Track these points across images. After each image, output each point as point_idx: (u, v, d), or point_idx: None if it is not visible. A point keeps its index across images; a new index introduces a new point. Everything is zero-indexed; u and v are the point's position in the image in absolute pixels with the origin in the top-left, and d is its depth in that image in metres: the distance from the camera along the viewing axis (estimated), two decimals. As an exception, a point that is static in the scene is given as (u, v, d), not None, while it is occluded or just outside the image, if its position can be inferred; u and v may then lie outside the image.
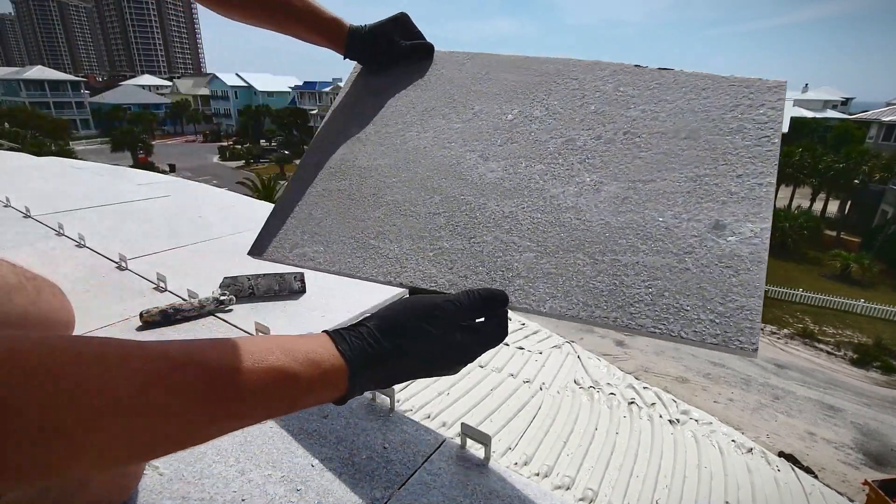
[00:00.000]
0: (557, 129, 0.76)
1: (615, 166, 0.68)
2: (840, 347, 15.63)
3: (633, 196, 0.65)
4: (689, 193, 0.62)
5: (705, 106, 0.69)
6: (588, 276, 0.61)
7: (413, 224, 0.76)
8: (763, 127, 0.64)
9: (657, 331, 0.55)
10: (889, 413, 12.42)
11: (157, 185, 2.56)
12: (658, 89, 0.74)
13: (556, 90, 0.82)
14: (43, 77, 46.36)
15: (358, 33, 0.91)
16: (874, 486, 7.07)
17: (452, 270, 0.69)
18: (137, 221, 1.82)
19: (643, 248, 0.60)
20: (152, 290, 1.26)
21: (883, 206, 25.31)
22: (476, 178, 0.77)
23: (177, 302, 1.11)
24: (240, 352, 0.40)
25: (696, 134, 0.67)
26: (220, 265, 1.43)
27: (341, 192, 0.87)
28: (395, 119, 0.92)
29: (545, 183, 0.71)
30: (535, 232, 0.67)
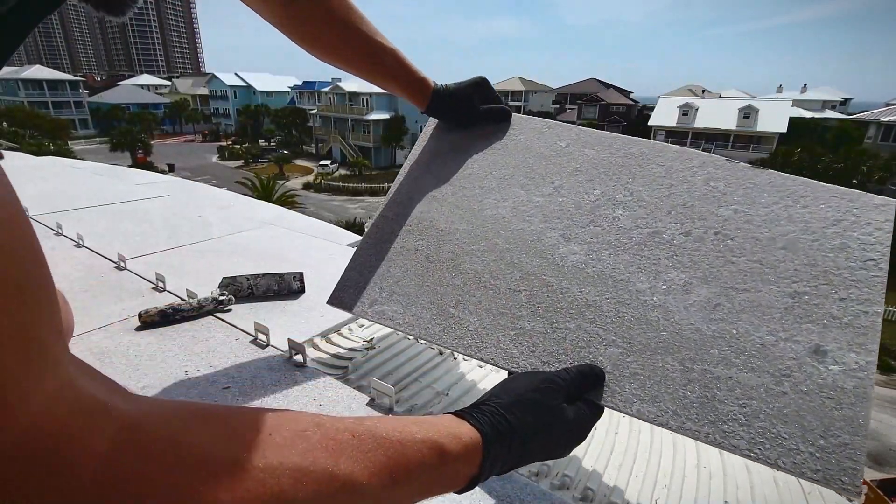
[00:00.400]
0: (643, 219, 0.73)
1: (706, 268, 0.65)
2: (839, 347, 15.66)
3: (725, 304, 0.61)
4: (786, 310, 0.59)
5: (804, 216, 0.65)
6: (678, 384, 0.58)
7: (493, 298, 0.75)
8: (869, 248, 0.61)
9: (752, 455, 0.52)
10: (888, 413, 12.45)
11: (156, 184, 2.56)
12: (752, 189, 0.70)
13: (640, 175, 0.79)
14: (41, 76, 46.27)
15: (441, 94, 0.94)
16: (873, 485, 7.09)
17: (535, 354, 0.67)
18: (136, 221, 1.82)
19: (737, 363, 0.57)
20: (151, 290, 1.25)
21: (881, 207, 25.33)
22: (558, 259, 0.75)
23: (175, 302, 1.11)
24: (395, 424, 0.40)
25: (795, 246, 0.63)
26: (219, 265, 1.43)
27: (419, 253, 0.87)
28: (473, 183, 0.91)
29: (630, 275, 0.68)
30: (621, 326, 0.65)
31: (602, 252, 0.72)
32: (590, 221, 0.77)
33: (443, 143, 1.00)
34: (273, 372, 0.92)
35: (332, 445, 0.35)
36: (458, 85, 0.96)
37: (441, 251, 0.84)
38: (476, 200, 0.89)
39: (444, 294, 0.79)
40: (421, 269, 0.84)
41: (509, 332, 0.70)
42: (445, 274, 0.81)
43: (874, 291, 0.57)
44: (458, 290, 0.78)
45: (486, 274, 0.78)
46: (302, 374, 0.92)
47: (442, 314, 0.77)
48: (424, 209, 0.92)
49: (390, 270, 0.87)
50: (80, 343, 0.98)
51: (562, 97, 63.04)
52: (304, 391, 0.87)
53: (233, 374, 0.91)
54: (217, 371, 0.91)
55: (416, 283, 0.83)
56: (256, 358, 0.97)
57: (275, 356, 0.98)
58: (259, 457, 0.30)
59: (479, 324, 0.73)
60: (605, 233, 0.74)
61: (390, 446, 0.38)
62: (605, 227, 0.75)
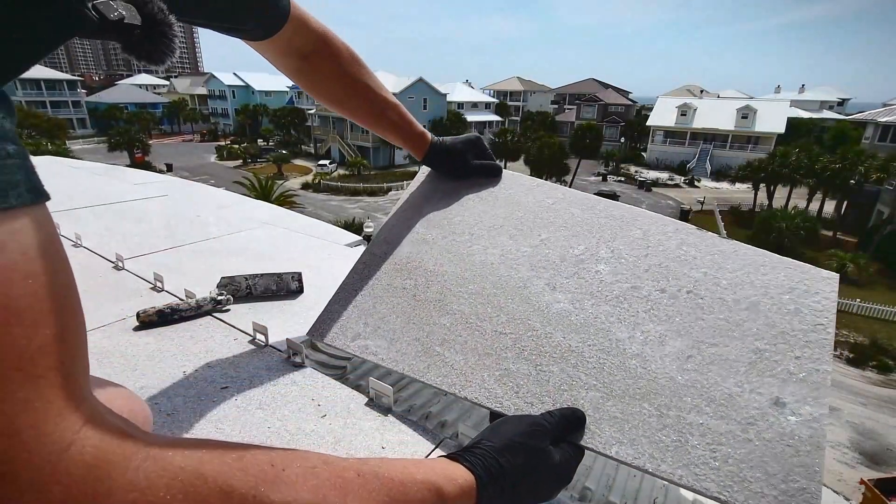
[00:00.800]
0: (623, 274, 0.79)
1: (679, 322, 0.71)
2: (836, 347, 15.69)
3: (696, 356, 0.67)
4: (750, 364, 0.65)
5: (764, 282, 0.73)
6: (654, 428, 0.62)
7: (479, 339, 0.78)
8: (818, 314, 0.68)
9: (721, 497, 0.56)
10: (885, 412, 12.48)
11: (154, 184, 2.55)
12: (719, 256, 0.78)
13: (621, 235, 0.86)
14: (39, 76, 46.11)
15: (438, 147, 1.02)
16: (870, 484, 7.10)
17: (518, 395, 0.71)
18: (134, 221, 1.82)
19: (707, 411, 0.62)
20: (149, 289, 1.25)
21: (879, 207, 25.42)
22: (543, 306, 0.79)
23: (174, 302, 1.11)
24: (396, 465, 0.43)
25: (757, 308, 0.70)
26: (218, 265, 1.43)
27: (406, 291, 0.90)
28: (463, 229, 0.96)
29: (611, 325, 0.73)
30: (601, 372, 0.69)
31: (585, 302, 0.78)
32: (574, 273, 0.82)
33: (435, 190, 1.06)
34: (271, 372, 0.92)
35: (340, 483, 0.36)
36: (454, 140, 1.04)
37: (429, 291, 0.88)
38: (465, 245, 0.93)
39: (431, 332, 0.82)
40: (408, 307, 0.87)
41: (494, 372, 0.74)
42: (432, 313, 0.85)
43: (823, 352, 0.65)
44: (444, 329, 0.82)
45: (473, 315, 0.82)
46: (300, 374, 0.92)
47: (427, 351, 0.80)
48: (413, 250, 0.96)
49: (376, 307, 0.90)
50: (77, 343, 0.98)
51: (560, 97, 63.07)
52: (302, 391, 0.87)
53: (231, 375, 0.90)
54: (215, 371, 0.91)
55: (403, 320, 0.86)
56: (255, 358, 0.97)
57: (273, 356, 0.98)
58: (275, 491, 0.32)
59: (464, 363, 0.76)
60: (587, 284, 0.80)
61: (393, 486, 0.39)
62: (588, 279, 0.81)
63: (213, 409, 0.81)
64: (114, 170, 2.94)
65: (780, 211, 24.73)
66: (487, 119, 51.13)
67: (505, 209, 0.98)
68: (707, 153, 41.34)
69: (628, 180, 38.90)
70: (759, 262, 0.76)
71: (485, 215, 0.98)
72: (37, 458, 0.25)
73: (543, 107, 59.74)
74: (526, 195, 1.00)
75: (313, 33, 0.85)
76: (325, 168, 35.89)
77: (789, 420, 0.59)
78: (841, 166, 24.85)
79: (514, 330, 0.78)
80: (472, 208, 1.00)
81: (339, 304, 0.93)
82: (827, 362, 0.64)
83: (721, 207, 30.18)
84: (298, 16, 0.80)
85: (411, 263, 0.94)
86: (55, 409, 0.27)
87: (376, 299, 0.91)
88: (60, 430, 0.27)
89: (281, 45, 0.83)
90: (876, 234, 22.98)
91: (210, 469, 0.31)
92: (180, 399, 0.83)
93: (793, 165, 26.38)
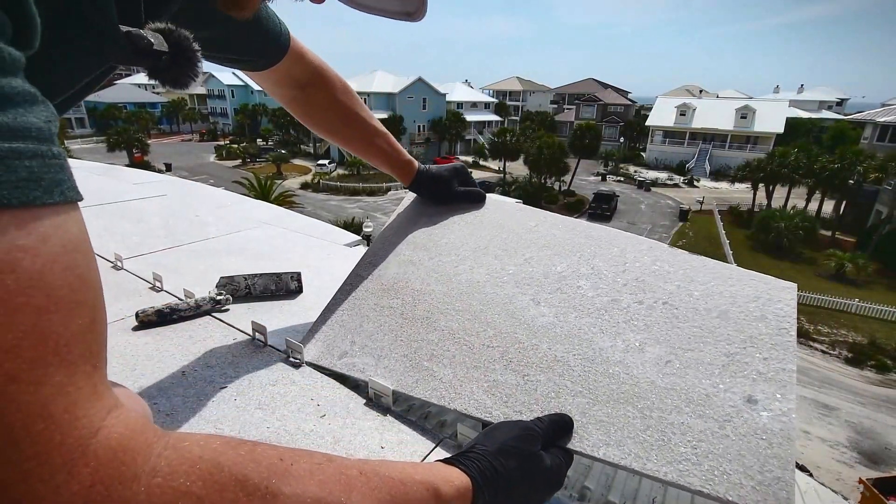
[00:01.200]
0: (603, 289, 0.84)
1: (657, 331, 0.76)
2: (835, 346, 15.71)
3: (675, 361, 0.71)
4: (723, 367, 0.69)
5: (732, 293, 0.79)
6: (638, 429, 0.65)
7: (467, 353, 0.81)
8: (781, 320, 0.73)
9: (704, 490, 0.59)
10: (883, 412, 12.50)
11: (153, 184, 2.55)
12: (690, 270, 0.84)
13: (600, 253, 0.91)
14: (38, 75, 45.93)
15: (424, 174, 1.07)
16: (869, 484, 7.12)
17: (507, 404, 0.73)
18: (133, 221, 1.82)
19: (687, 411, 0.66)
20: (148, 289, 1.25)
21: (877, 207, 25.45)
22: (528, 320, 0.83)
23: (173, 302, 1.11)
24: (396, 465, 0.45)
25: (727, 315, 0.75)
26: (217, 265, 1.43)
27: (393, 310, 0.93)
28: (449, 251, 1.00)
29: (594, 335, 0.78)
30: (587, 379, 0.72)
31: (569, 315, 0.82)
32: (557, 289, 0.87)
33: (420, 214, 1.10)
34: (271, 372, 0.92)
35: (344, 479, 0.38)
36: (439, 168, 1.09)
37: (416, 309, 0.91)
38: (452, 266, 0.96)
39: (419, 348, 0.85)
40: (395, 325, 0.90)
41: (483, 383, 0.76)
42: (420, 330, 0.87)
43: (788, 353, 0.69)
44: (432, 344, 0.84)
45: (461, 331, 0.85)
46: (300, 373, 0.92)
47: (415, 367, 0.83)
48: (400, 271, 0.99)
49: (363, 325, 0.92)
50: (76, 343, 0.98)
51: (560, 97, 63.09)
52: (301, 391, 0.87)
53: (230, 374, 0.90)
54: (214, 371, 0.91)
55: (390, 338, 0.88)
56: (254, 358, 0.97)
57: (272, 356, 0.97)
58: (286, 484, 0.34)
59: (452, 376, 0.79)
60: (570, 299, 0.84)
61: (393, 485, 0.41)
62: (571, 294, 0.85)
63: (212, 408, 0.81)
64: (113, 169, 2.93)
65: (779, 211, 24.77)
66: (487, 119, 51.13)
67: (490, 231, 1.02)
68: (706, 153, 41.37)
69: (627, 180, 38.92)
70: (726, 274, 0.82)
71: (470, 237, 1.01)
72: (69, 440, 0.26)
73: (543, 106, 59.75)
74: (510, 219, 1.04)
75: (310, 65, 0.90)
76: (324, 168, 35.87)
77: (762, 416, 0.63)
78: (840, 166, 24.89)
79: (501, 343, 0.81)
80: (458, 231, 1.04)
81: (326, 323, 0.95)
82: (791, 362, 0.68)
83: (720, 207, 30.21)
84: (297, 49, 0.85)
85: (398, 284, 0.96)
86: (85, 395, 0.28)
87: (363, 318, 0.93)
88: (90, 416, 0.28)
89: (279, 76, 0.87)
90: (874, 233, 23.01)
91: (226, 459, 0.32)
92: (179, 399, 0.83)
93: (792, 165, 26.41)
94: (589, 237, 0.95)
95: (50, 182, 0.27)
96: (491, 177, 35.37)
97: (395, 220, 1.12)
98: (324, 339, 0.94)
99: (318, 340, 0.94)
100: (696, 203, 30.84)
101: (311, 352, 0.93)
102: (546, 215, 1.04)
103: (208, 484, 0.30)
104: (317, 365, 0.92)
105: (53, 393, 0.26)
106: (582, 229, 0.98)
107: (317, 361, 0.91)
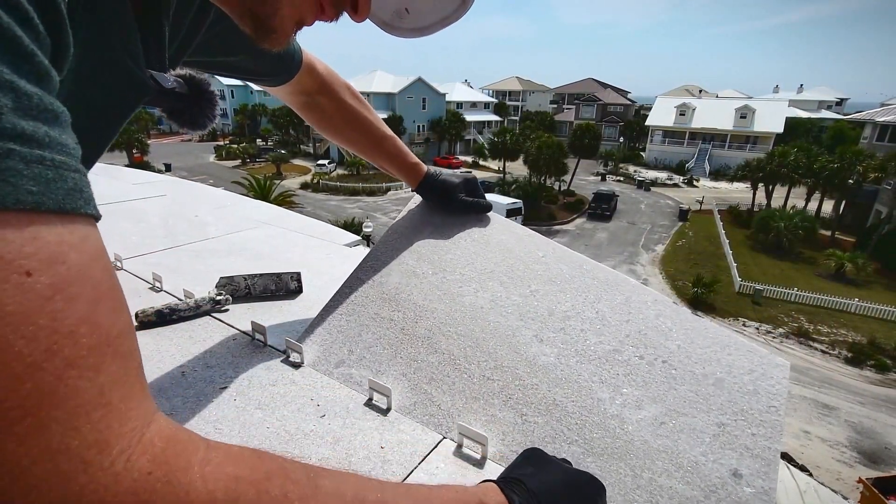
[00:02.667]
0: (606, 336, 0.85)
1: (655, 389, 0.77)
2: (834, 346, 15.72)
3: (669, 423, 0.73)
4: (714, 437, 0.71)
5: (729, 362, 0.80)
6: (629, 487, 0.67)
7: (467, 382, 0.82)
8: (772, 398, 0.75)
9: None
10: (883, 411, 12.51)
11: (153, 184, 2.55)
12: (692, 331, 0.84)
13: (605, 297, 0.91)
14: (37, 75, 45.91)
15: (432, 179, 1.07)
16: (868, 483, 7.12)
17: (504, 442, 0.75)
18: (133, 221, 1.82)
19: (676, 476, 0.67)
20: (148, 289, 1.25)
21: (877, 206, 25.47)
22: (531, 357, 0.83)
23: (173, 302, 1.11)
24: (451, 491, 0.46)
25: (721, 384, 0.77)
26: (217, 265, 1.43)
27: (394, 323, 0.92)
28: (454, 267, 0.99)
29: (593, 384, 0.78)
30: (583, 429, 0.74)
31: (570, 358, 0.82)
32: (560, 329, 0.87)
33: (426, 223, 1.09)
34: (270, 372, 0.92)
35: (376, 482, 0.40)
36: (449, 173, 1.09)
37: (417, 326, 0.91)
38: (456, 285, 0.96)
39: (418, 369, 0.85)
40: (395, 339, 0.90)
41: (481, 416, 0.78)
42: (420, 349, 0.87)
43: (775, 432, 0.71)
44: (432, 367, 0.85)
45: (462, 357, 0.85)
46: (299, 374, 0.92)
47: (414, 389, 0.83)
48: (403, 281, 0.98)
49: (362, 335, 0.92)
50: (76, 343, 0.98)
51: (559, 97, 63.08)
52: (301, 391, 0.86)
53: (230, 375, 0.90)
54: (214, 371, 0.91)
55: (389, 353, 0.88)
56: (254, 358, 0.96)
57: (272, 356, 0.97)
58: (323, 479, 0.36)
59: (451, 404, 0.80)
60: (573, 342, 0.84)
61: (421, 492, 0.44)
62: (574, 336, 0.85)
63: (212, 409, 0.81)
64: (112, 169, 2.93)
65: (779, 210, 24.78)
66: (486, 119, 51.14)
67: (497, 254, 1.01)
68: (706, 153, 41.38)
69: (627, 180, 38.92)
70: (725, 342, 0.83)
71: (476, 257, 1.00)
72: (127, 429, 0.27)
73: (542, 106, 59.75)
74: (518, 244, 1.03)
75: (320, 75, 0.93)
76: (323, 168, 35.88)
77: (745, 490, 0.65)
78: (839, 166, 24.89)
79: (501, 377, 0.81)
80: (465, 248, 1.03)
81: (324, 326, 0.95)
82: (778, 441, 0.70)
83: (720, 207, 30.21)
84: (307, 61, 0.89)
85: (400, 295, 0.96)
86: (139, 387, 0.30)
87: (362, 327, 0.92)
88: (143, 408, 0.29)
89: (291, 86, 0.90)
90: (874, 233, 23.02)
91: (264, 453, 0.34)
92: (179, 399, 0.83)
93: (791, 165, 26.41)
94: (595, 279, 0.95)
95: (88, 196, 0.29)
96: (491, 177, 35.35)
97: (400, 224, 1.10)
98: (321, 342, 0.93)
99: (315, 343, 0.93)
100: (695, 203, 30.85)
101: (308, 355, 0.92)
102: (555, 247, 1.03)
103: (256, 471, 0.32)
104: (316, 367, 0.92)
105: (110, 382, 0.27)
106: (589, 268, 0.97)
107: (313, 367, 0.90)
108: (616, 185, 36.89)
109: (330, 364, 0.89)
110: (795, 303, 18.22)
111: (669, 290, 19.39)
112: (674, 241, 25.05)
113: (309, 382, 0.89)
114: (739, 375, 0.77)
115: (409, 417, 0.81)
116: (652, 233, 26.42)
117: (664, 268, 21.63)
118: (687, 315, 0.88)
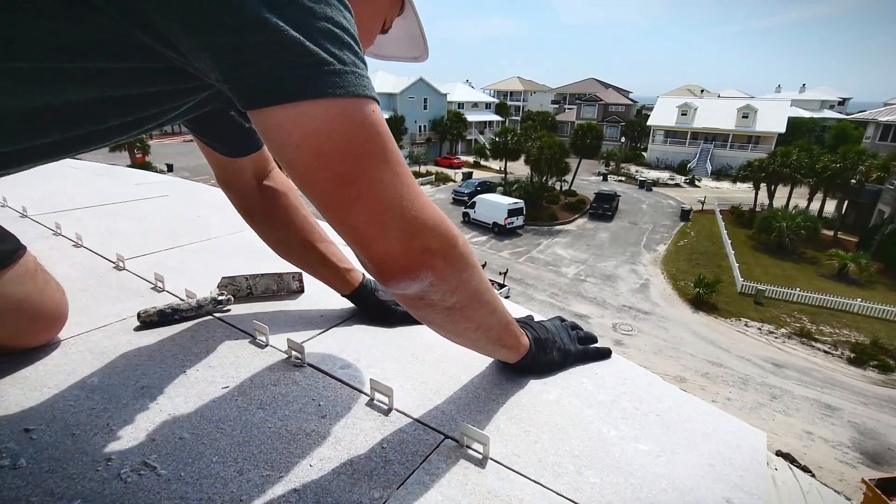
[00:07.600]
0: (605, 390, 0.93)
1: (651, 431, 0.82)
2: (837, 346, 15.68)
3: (665, 457, 0.77)
4: (706, 473, 0.74)
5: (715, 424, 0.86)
6: (628, 500, 0.68)
7: (472, 399, 0.88)
8: (755, 451, 0.80)
9: None
10: (886, 412, 12.46)
11: (155, 184, 2.56)
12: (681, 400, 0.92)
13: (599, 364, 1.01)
14: (40, 76, 46.02)
15: (365, 289, 1.10)
16: (871, 484, 7.09)
17: (506, 443, 0.79)
18: (135, 221, 1.82)
19: (674, 495, 0.70)
20: (150, 290, 1.25)
21: (880, 206, 25.38)
22: (535, 392, 0.91)
23: (174, 302, 1.11)
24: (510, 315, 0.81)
25: (709, 438, 0.82)
26: (218, 265, 1.43)
27: (403, 349, 0.98)
28: None
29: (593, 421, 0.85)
30: (583, 448, 0.78)
31: (571, 398, 0.89)
32: (561, 377, 0.96)
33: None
34: (272, 372, 0.92)
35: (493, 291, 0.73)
36: (384, 295, 1.11)
37: (428, 354, 0.99)
38: None
39: (424, 383, 0.90)
40: (404, 360, 0.96)
41: (483, 423, 0.83)
42: (429, 371, 0.94)
43: (760, 479, 0.74)
44: (437, 383, 0.91)
45: (467, 378, 0.94)
46: (301, 374, 0.92)
47: (417, 389, 0.88)
48: None
49: (370, 351, 0.97)
50: (79, 343, 0.98)
51: (561, 97, 63.02)
52: (303, 391, 0.87)
53: (232, 374, 0.91)
54: (216, 371, 0.91)
55: (396, 367, 0.94)
56: (255, 358, 0.97)
57: (274, 356, 0.98)
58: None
59: (454, 408, 0.86)
60: (573, 387, 0.93)
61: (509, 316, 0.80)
62: (575, 386, 0.94)
63: (214, 408, 0.81)
64: (114, 170, 2.94)
65: (781, 210, 24.71)
66: (487, 119, 51.14)
67: None
68: (708, 153, 41.31)
69: (629, 180, 38.88)
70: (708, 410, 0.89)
71: None
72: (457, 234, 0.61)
73: (544, 106, 59.70)
74: None
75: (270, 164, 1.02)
76: (325, 168, 35.77)
77: None
78: (842, 166, 24.83)
79: (505, 399, 0.88)
80: None
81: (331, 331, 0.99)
82: (763, 485, 0.73)
83: (722, 207, 30.15)
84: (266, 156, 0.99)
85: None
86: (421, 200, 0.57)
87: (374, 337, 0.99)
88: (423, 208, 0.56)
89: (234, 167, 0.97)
90: (877, 233, 22.94)
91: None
92: (181, 399, 0.83)
93: (793, 165, 26.35)
94: None
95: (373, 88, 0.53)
96: (492, 177, 35.34)
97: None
98: (327, 344, 0.95)
99: (322, 344, 0.94)
100: (697, 203, 30.81)
101: (314, 355, 0.93)
102: None
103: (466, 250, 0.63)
104: (318, 367, 0.92)
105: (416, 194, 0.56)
106: None
107: (317, 365, 0.91)
108: (618, 185, 36.85)
109: (335, 365, 0.90)
110: (798, 303, 18.18)
111: (671, 291, 19.36)
112: (675, 241, 25.01)
113: (311, 382, 0.89)
114: (724, 434, 0.84)
115: (411, 417, 0.81)
116: (654, 233, 26.39)
117: (666, 268, 21.59)
118: (676, 390, 0.96)
